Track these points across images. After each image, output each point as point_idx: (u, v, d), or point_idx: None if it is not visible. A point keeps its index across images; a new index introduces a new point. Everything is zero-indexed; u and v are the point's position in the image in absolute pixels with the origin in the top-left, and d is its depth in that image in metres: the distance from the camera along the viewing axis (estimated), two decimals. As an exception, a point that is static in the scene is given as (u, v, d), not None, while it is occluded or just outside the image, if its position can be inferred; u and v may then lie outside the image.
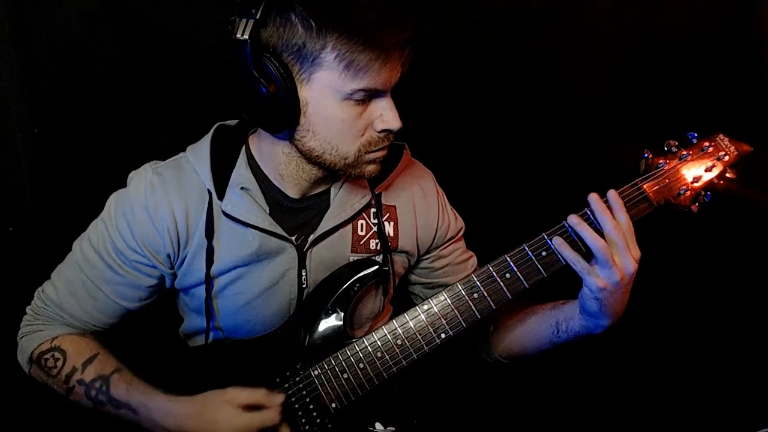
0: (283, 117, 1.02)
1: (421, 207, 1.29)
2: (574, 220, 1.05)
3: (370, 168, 1.10)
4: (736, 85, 1.63)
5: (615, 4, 1.59)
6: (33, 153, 1.45)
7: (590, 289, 1.05)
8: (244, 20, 0.96)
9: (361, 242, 1.23)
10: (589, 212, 1.06)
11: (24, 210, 1.48)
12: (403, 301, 1.36)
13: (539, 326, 1.22)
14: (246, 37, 0.96)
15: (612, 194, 1.05)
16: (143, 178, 1.15)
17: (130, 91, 1.50)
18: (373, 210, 1.24)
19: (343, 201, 1.20)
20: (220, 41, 0.96)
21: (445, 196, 1.35)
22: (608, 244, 1.02)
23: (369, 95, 1.03)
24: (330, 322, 1.18)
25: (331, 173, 1.14)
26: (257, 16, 0.96)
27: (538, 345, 1.23)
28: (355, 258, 1.22)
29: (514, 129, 1.69)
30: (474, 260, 1.38)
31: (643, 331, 1.72)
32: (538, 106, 1.67)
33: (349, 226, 1.22)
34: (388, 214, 1.26)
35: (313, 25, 0.96)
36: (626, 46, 1.62)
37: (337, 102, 1.01)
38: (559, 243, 1.06)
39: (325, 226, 1.19)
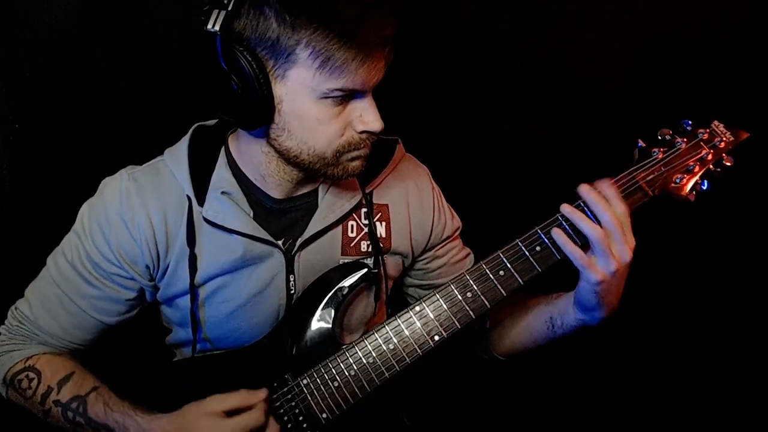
0: (256, 114, 0.97)
1: (415, 205, 1.23)
2: (567, 209, 1.00)
3: (353, 165, 1.05)
4: (747, 83, 1.60)
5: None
6: (14, 149, 1.40)
7: (588, 282, 1.01)
8: (216, 11, 0.91)
9: (352, 244, 1.18)
10: (582, 203, 1.02)
11: (4, 208, 1.43)
12: (399, 303, 1.30)
13: (534, 323, 1.18)
14: (216, 28, 0.91)
15: (605, 183, 1.01)
16: (118, 185, 1.11)
17: (116, 85, 1.45)
18: (363, 210, 1.19)
19: (332, 202, 1.15)
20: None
21: (441, 194, 1.29)
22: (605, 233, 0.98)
23: (347, 95, 0.97)
24: (318, 329, 1.13)
25: (311, 175, 1.09)
26: (229, 8, 0.91)
27: (534, 342, 1.20)
28: (346, 261, 1.18)
29: (518, 124, 1.66)
30: (471, 258, 1.34)
31: (640, 325, 1.69)
32: (542, 101, 1.64)
33: (339, 228, 1.18)
34: (380, 214, 1.20)
35: (288, 18, 0.90)
36: (636, 42, 1.59)
37: (313, 101, 0.96)
38: (558, 234, 1.01)
39: (312, 228, 1.14)
